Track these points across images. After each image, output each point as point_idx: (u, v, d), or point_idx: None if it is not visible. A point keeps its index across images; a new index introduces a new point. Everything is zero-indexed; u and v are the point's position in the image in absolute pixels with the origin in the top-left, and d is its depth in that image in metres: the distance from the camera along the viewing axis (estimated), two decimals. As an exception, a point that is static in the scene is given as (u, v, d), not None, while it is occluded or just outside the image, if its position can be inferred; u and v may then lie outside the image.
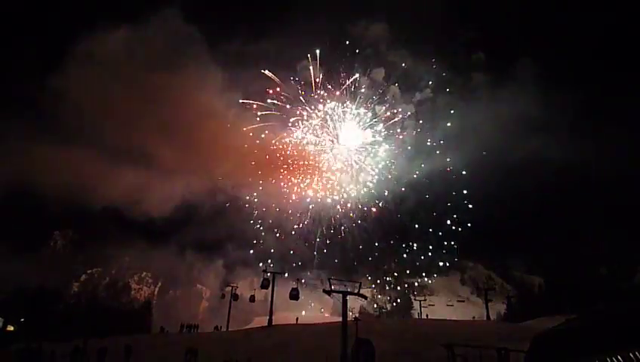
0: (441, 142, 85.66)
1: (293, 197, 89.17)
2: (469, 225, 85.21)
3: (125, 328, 60.17)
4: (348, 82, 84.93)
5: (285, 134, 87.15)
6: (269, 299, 54.22)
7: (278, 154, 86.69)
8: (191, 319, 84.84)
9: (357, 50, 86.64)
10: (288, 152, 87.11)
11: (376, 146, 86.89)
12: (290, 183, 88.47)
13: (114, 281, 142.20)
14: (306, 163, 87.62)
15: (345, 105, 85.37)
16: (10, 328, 59.62)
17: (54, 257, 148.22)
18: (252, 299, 66.76)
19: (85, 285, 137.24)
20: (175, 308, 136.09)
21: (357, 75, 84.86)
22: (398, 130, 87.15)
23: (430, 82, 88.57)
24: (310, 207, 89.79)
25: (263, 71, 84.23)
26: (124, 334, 47.79)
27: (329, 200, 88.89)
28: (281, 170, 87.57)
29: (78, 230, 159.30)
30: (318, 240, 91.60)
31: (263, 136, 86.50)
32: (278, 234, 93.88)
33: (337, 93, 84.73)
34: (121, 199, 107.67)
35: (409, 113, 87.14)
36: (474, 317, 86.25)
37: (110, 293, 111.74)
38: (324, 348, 35.81)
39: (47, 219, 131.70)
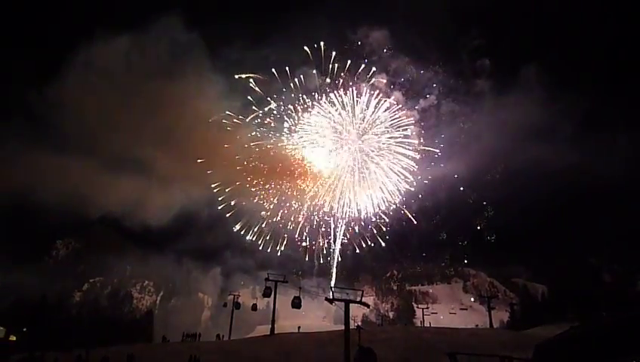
0: (444, 151, 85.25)
1: (294, 204, 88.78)
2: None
3: (127, 337, 60.09)
4: (350, 88, 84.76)
5: (285, 140, 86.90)
6: (271, 307, 53.98)
7: (277, 161, 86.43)
8: (193, 328, 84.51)
9: (358, 56, 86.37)
10: (288, 159, 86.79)
11: (378, 153, 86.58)
12: (289, 190, 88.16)
13: (116, 290, 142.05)
14: (306, 169, 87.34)
15: (346, 110, 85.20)
16: (13, 338, 59.53)
17: (56, 267, 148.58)
18: (254, 307, 66.56)
19: (87, 294, 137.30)
20: (177, 317, 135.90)
21: (359, 81, 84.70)
22: (401, 137, 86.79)
23: (434, 87, 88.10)
24: (311, 213, 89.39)
25: (237, 76, 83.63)
26: (126, 343, 47.71)
27: (329, 208, 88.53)
28: (281, 177, 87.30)
29: (79, 240, 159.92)
30: (315, 245, 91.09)
31: (262, 143, 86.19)
32: (277, 242, 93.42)
33: (338, 98, 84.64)
34: (119, 208, 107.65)
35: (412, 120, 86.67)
36: (477, 325, 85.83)
37: (112, 303, 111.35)
38: (326, 356, 35.74)
39: (47, 228, 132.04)
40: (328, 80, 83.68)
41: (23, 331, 61.26)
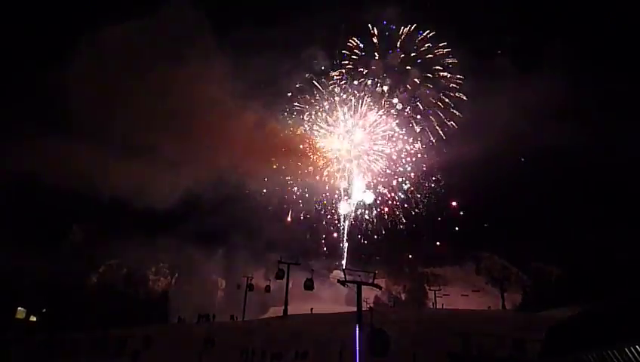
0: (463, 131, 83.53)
1: (303, 187, 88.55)
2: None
3: (144, 318, 61.19)
4: (363, 66, 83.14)
5: (294, 122, 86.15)
6: (284, 289, 54.62)
7: (286, 143, 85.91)
8: (207, 309, 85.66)
9: (371, 35, 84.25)
10: (297, 140, 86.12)
11: (392, 133, 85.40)
12: (299, 171, 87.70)
13: (132, 273, 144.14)
14: (315, 151, 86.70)
15: (360, 89, 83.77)
16: (33, 319, 61.17)
17: (73, 249, 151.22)
18: (267, 289, 67.42)
19: (104, 277, 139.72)
20: (192, 298, 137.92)
21: (372, 60, 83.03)
22: (417, 117, 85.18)
23: (452, 66, 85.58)
24: (320, 194, 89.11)
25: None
26: (143, 324, 48.61)
27: (339, 189, 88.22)
28: (289, 159, 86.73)
29: (95, 223, 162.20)
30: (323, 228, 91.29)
31: (270, 124, 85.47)
32: (286, 224, 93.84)
33: (352, 77, 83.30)
34: (128, 192, 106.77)
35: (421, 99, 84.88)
36: (489, 307, 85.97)
37: (128, 284, 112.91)
38: (338, 337, 36.17)
39: (60, 212, 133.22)
40: (340, 60, 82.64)
41: (43, 312, 62.77)
